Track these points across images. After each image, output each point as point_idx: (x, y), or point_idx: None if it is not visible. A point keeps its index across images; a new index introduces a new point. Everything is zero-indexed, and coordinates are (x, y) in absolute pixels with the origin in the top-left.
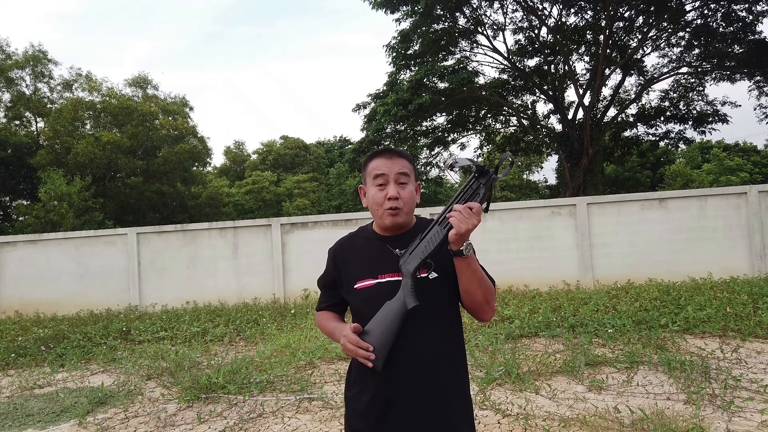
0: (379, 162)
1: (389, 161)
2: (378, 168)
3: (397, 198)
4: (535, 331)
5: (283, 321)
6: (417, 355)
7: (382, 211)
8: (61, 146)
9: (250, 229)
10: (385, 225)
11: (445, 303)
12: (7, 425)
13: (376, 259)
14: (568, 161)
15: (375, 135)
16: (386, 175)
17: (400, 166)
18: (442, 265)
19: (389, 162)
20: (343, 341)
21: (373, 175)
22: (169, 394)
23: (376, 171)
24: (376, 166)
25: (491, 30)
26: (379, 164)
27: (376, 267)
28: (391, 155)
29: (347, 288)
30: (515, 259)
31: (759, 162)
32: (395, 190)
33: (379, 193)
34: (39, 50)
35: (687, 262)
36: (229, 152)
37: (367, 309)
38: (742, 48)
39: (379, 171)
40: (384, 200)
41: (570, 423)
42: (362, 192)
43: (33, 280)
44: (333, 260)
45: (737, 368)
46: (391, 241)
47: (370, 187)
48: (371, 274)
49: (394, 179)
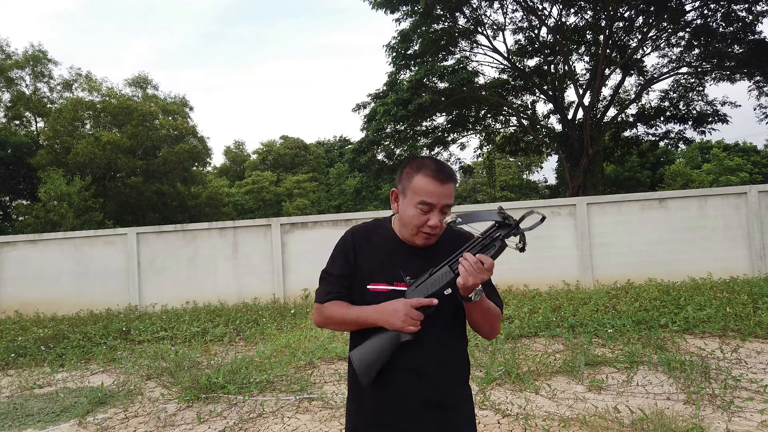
0: (430, 186)
1: (441, 188)
2: (428, 194)
3: (437, 226)
4: (534, 331)
5: (283, 321)
6: (414, 367)
7: (417, 231)
8: (61, 146)
9: (249, 229)
10: (414, 243)
11: (451, 319)
12: (7, 425)
13: (394, 264)
14: (568, 161)
15: (375, 135)
16: (434, 205)
17: (449, 193)
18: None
19: (440, 189)
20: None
21: (419, 198)
22: (169, 394)
23: (426, 198)
24: (425, 189)
25: (491, 30)
26: (430, 189)
27: (392, 272)
28: (444, 180)
29: (358, 286)
30: (515, 259)
31: (759, 162)
32: (438, 219)
33: (421, 217)
34: (39, 50)
35: (687, 262)
36: (229, 152)
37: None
38: (742, 48)
39: (429, 199)
40: (424, 225)
41: (570, 423)
42: (394, 196)
43: (33, 280)
44: (353, 247)
45: (737, 368)
46: (412, 250)
47: (410, 205)
48: (386, 279)
49: (440, 208)
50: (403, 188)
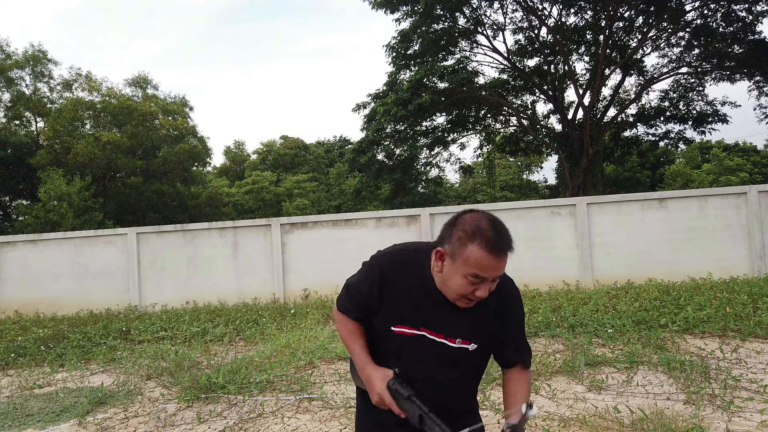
0: (485, 260)
1: (498, 263)
2: (482, 269)
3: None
4: (535, 331)
5: (283, 321)
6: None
7: (460, 297)
8: (60, 146)
9: (249, 229)
10: (453, 301)
11: (471, 370)
12: (6, 425)
13: (425, 308)
14: (568, 161)
15: (375, 135)
16: (486, 279)
17: (504, 266)
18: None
19: (497, 264)
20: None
21: (471, 271)
22: (169, 394)
23: (479, 272)
24: (480, 263)
25: (491, 30)
26: (485, 263)
27: (421, 316)
28: (502, 255)
29: (382, 321)
30: (515, 259)
31: (759, 162)
32: (487, 291)
33: (468, 287)
34: (39, 50)
35: (687, 262)
36: (229, 152)
37: (396, 352)
38: (742, 48)
39: (482, 273)
40: (470, 294)
41: (570, 423)
42: (439, 256)
43: (33, 280)
44: (380, 282)
45: (737, 368)
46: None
47: (458, 274)
48: (414, 323)
49: (491, 280)
50: (452, 252)
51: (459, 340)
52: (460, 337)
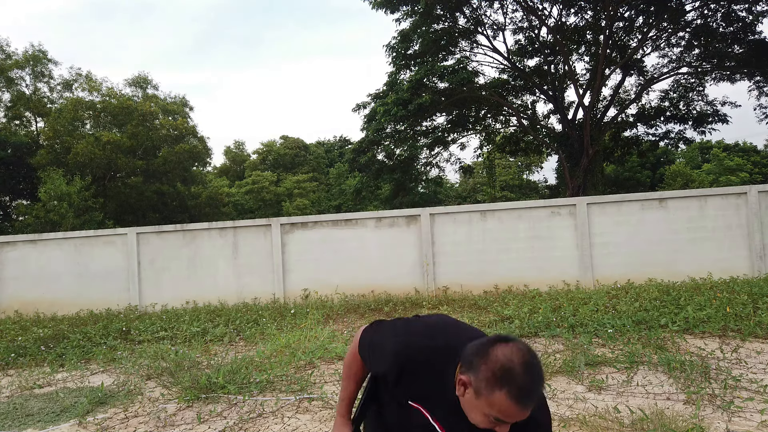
0: (513, 410)
1: (525, 413)
2: (507, 416)
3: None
4: (535, 331)
5: (283, 321)
6: None
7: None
8: (61, 146)
9: (250, 229)
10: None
11: None
12: (7, 425)
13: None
14: (568, 161)
15: (375, 135)
16: (508, 424)
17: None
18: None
19: (521, 413)
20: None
21: (494, 414)
22: (169, 393)
23: (504, 418)
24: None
25: (491, 30)
26: (509, 412)
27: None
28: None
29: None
30: (515, 259)
31: (759, 162)
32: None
33: (488, 424)
34: (39, 50)
35: (687, 262)
36: (229, 152)
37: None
38: (742, 48)
39: (505, 419)
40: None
41: (570, 423)
42: (462, 384)
43: (33, 279)
44: (397, 376)
45: (737, 368)
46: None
47: (480, 412)
48: (430, 408)
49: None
50: (478, 389)
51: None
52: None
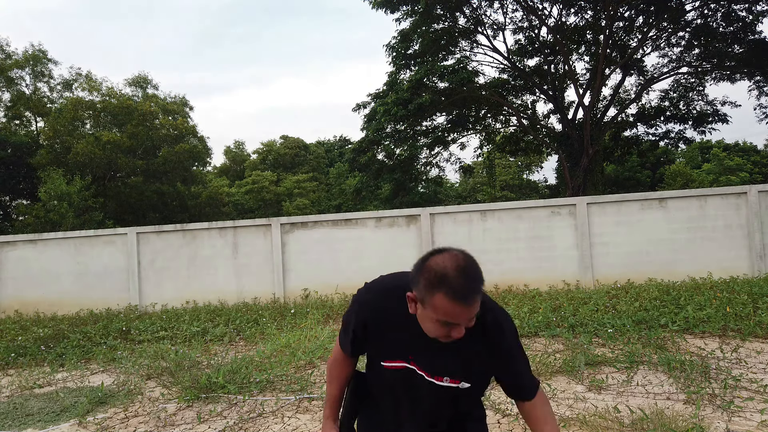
0: (451, 309)
1: (466, 309)
2: (450, 316)
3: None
4: (535, 330)
5: (283, 321)
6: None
7: (437, 336)
8: (61, 146)
9: (250, 229)
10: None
11: (470, 403)
12: (7, 425)
13: (412, 343)
14: (568, 161)
15: (375, 135)
16: (458, 324)
17: (475, 307)
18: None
19: (465, 310)
20: None
21: (440, 318)
22: (169, 393)
23: (449, 319)
24: (447, 311)
25: (491, 30)
26: (451, 311)
27: (407, 350)
28: (470, 302)
29: (372, 358)
30: (515, 259)
31: (759, 162)
32: (463, 331)
33: (441, 329)
34: (39, 50)
35: (687, 262)
36: (229, 152)
37: (389, 387)
38: (742, 48)
39: (452, 320)
40: (445, 336)
41: (570, 423)
42: (412, 300)
43: (33, 279)
44: (363, 327)
45: (737, 368)
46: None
47: (430, 320)
48: (402, 356)
49: (466, 322)
50: (422, 299)
51: (447, 379)
52: (447, 375)
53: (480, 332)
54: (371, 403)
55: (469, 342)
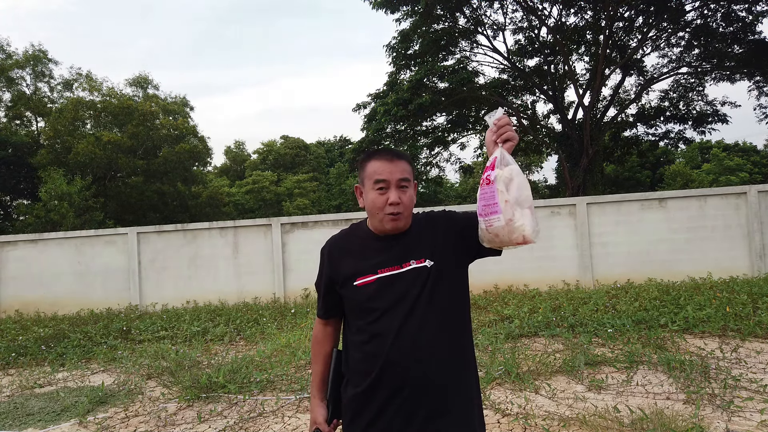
0: (379, 165)
1: (390, 164)
2: (379, 173)
3: (399, 203)
4: (534, 330)
5: (284, 320)
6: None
7: (383, 215)
8: (61, 146)
9: (250, 229)
10: (385, 229)
11: (446, 302)
12: (7, 424)
13: (375, 256)
14: (568, 161)
15: (375, 135)
16: (387, 181)
17: (401, 170)
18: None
19: (390, 165)
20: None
21: (373, 179)
22: (170, 393)
23: (378, 176)
24: (376, 169)
25: (491, 30)
26: (379, 168)
27: (375, 263)
28: (392, 158)
29: (346, 285)
30: (515, 259)
31: (759, 162)
32: (397, 195)
33: (380, 198)
34: (39, 50)
35: (687, 262)
36: (230, 152)
37: (369, 304)
38: (742, 48)
39: (380, 176)
40: (385, 205)
41: (569, 422)
42: (359, 192)
43: (33, 279)
44: (328, 259)
45: (737, 368)
46: (389, 240)
47: (369, 191)
48: (371, 271)
49: (395, 184)
50: (362, 179)
51: (413, 262)
52: (412, 259)
53: (421, 225)
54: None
55: (415, 234)
